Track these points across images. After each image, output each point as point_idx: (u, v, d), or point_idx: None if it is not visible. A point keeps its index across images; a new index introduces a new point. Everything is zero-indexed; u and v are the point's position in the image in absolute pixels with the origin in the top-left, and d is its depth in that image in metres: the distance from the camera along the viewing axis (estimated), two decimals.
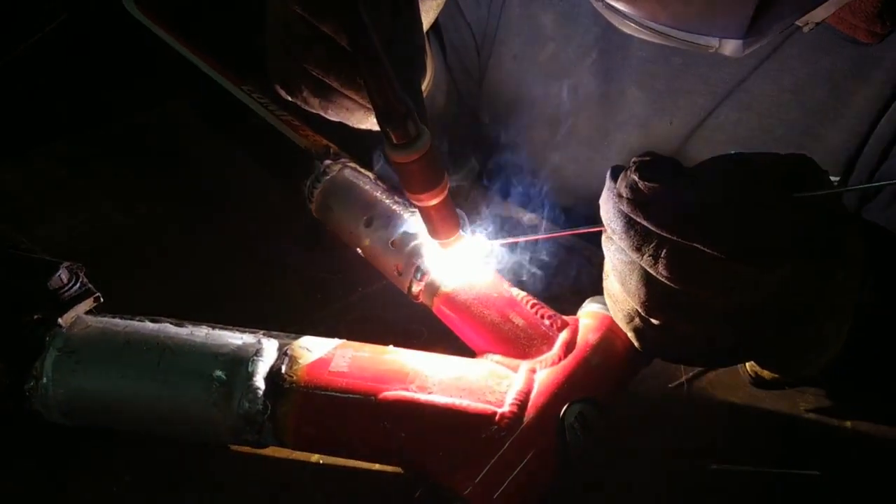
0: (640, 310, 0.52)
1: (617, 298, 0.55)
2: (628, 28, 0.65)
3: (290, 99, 0.64)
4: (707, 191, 0.48)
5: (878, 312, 0.55)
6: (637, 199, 0.49)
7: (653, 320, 0.52)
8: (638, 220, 0.49)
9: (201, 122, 0.84)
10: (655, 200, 0.48)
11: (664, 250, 0.48)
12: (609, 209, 0.51)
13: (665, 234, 0.48)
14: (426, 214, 0.58)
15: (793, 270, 0.48)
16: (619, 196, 0.49)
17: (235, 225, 0.81)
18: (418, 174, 0.54)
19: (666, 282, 0.49)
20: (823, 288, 0.51)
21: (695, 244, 0.47)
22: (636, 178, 0.49)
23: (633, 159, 0.50)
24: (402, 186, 0.56)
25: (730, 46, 0.62)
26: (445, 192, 0.56)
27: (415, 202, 0.57)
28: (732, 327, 0.50)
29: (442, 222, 0.58)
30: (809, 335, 0.53)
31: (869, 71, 0.72)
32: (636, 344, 0.55)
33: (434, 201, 0.56)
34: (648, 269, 0.49)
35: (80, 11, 1.19)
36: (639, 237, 0.49)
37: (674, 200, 0.48)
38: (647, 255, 0.49)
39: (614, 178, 0.50)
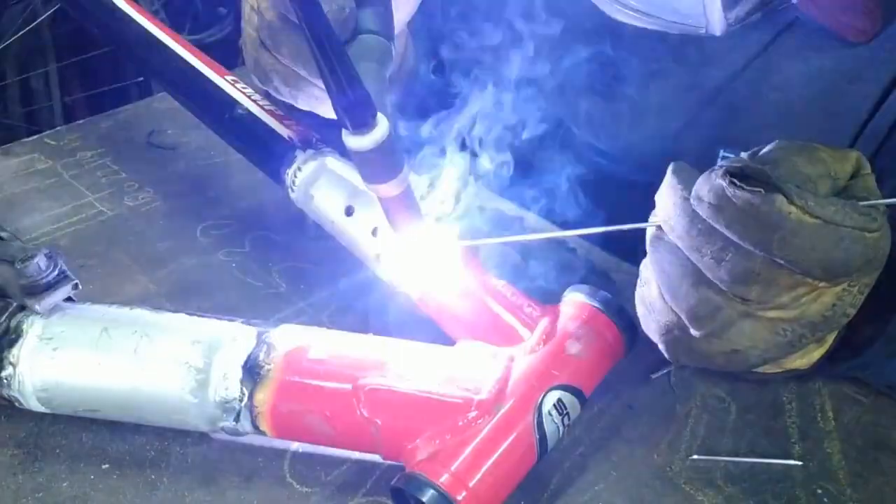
0: (684, 317, 0.50)
1: (655, 307, 0.53)
2: (616, 12, 0.64)
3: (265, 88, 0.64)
4: (800, 206, 0.45)
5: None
6: (720, 206, 0.46)
7: (694, 331, 0.50)
8: (714, 224, 0.46)
9: (186, 112, 0.83)
10: (743, 211, 0.45)
11: (730, 254, 0.46)
12: (672, 206, 0.48)
13: (739, 242, 0.45)
14: (385, 206, 0.56)
15: (849, 285, 0.48)
16: (699, 199, 0.47)
17: (218, 215, 0.81)
18: (376, 163, 0.53)
19: (723, 287, 0.47)
20: (860, 301, 0.50)
21: (778, 260, 0.45)
22: (724, 184, 0.46)
23: (723, 164, 0.47)
24: (361, 176, 0.55)
25: (716, 22, 0.61)
26: (405, 183, 0.55)
27: (373, 193, 0.55)
28: (777, 340, 0.49)
29: (401, 215, 0.56)
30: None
31: (859, 70, 0.71)
32: (667, 355, 0.54)
33: (392, 192, 0.54)
34: (706, 272, 0.47)
35: (67, 4, 1.19)
36: (701, 237, 0.47)
37: (763, 214, 0.45)
38: (707, 256, 0.46)
39: (678, 176, 0.48)
